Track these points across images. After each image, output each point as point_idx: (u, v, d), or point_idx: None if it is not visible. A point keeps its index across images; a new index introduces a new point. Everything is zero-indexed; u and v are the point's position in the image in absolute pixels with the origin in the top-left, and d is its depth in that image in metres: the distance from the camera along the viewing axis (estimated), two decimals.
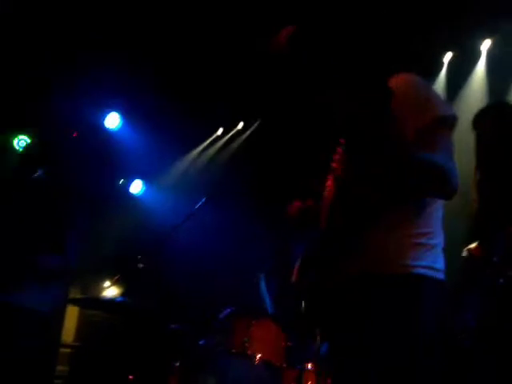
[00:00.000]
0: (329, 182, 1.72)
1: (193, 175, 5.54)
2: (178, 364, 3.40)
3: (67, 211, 3.26)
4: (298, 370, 2.80)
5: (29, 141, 4.17)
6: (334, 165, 1.69)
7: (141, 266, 3.52)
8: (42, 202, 3.13)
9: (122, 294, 3.37)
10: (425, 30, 3.88)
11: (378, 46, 3.53)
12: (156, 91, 4.99)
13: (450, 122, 1.55)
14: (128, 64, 4.76)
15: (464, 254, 2.33)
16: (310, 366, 2.80)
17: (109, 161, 5.18)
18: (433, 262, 1.53)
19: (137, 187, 5.82)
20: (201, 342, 3.03)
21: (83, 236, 3.64)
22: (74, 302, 3.98)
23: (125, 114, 5.34)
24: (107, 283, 5.39)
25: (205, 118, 5.26)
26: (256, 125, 5.16)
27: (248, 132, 5.43)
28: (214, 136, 5.75)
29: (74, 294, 5.11)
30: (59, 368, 5.57)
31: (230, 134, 5.63)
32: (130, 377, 3.90)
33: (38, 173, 3.16)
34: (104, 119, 5.23)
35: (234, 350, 2.77)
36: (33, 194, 3.10)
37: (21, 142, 4.35)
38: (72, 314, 5.90)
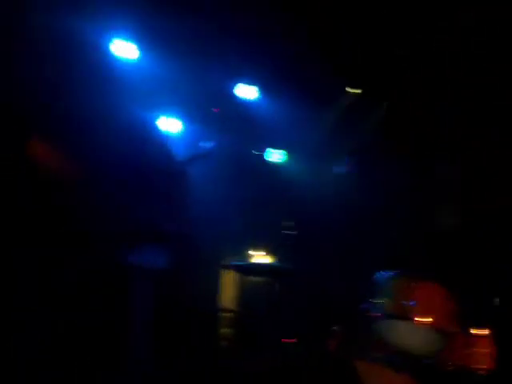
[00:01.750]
0: None
1: (333, 138, 5.39)
2: (337, 328, 3.38)
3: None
4: (469, 335, 2.59)
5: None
6: None
7: (291, 231, 3.55)
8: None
9: (278, 260, 3.42)
10: None
11: None
12: (288, 57, 4.93)
13: None
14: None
15: None
16: (482, 331, 2.57)
17: (249, 131, 5.27)
18: None
19: (277, 156, 5.85)
20: (361, 306, 2.95)
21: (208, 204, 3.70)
22: (233, 267, 4.15)
23: (261, 85, 5.37)
24: (261, 252, 5.55)
25: (339, 77, 5.06)
26: None
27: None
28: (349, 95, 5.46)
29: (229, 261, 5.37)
30: (223, 331, 5.96)
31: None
32: (289, 340, 3.99)
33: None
34: (241, 91, 5.31)
35: (396, 314, 2.64)
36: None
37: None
38: (229, 282, 6.23)
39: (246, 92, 5.32)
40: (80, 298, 4.39)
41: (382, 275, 2.77)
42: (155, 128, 4.00)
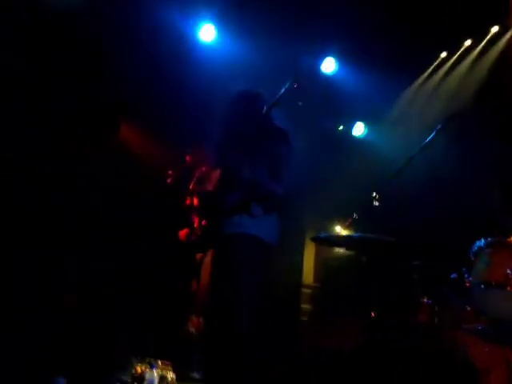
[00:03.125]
0: None
1: (417, 108, 5.23)
2: (425, 300, 3.31)
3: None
4: None
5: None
6: None
7: (376, 203, 3.49)
8: None
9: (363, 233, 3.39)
10: None
11: None
12: (365, 28, 4.82)
13: None
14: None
15: None
16: None
17: (329, 105, 5.23)
18: None
19: (359, 130, 5.78)
20: (452, 276, 2.87)
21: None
22: (316, 240, 4.15)
23: (341, 57, 5.29)
24: (339, 228, 5.53)
25: (422, 44, 4.87)
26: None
27: (482, 45, 4.81)
28: (436, 62, 5.28)
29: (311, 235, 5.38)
30: (303, 306, 6.02)
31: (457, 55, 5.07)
32: (372, 314, 3.94)
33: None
34: (320, 64, 5.26)
35: (493, 283, 2.55)
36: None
37: None
38: (309, 258, 6.27)
39: (327, 65, 5.27)
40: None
41: (479, 243, 2.68)
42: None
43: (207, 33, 5.12)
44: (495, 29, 4.80)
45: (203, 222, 3.72)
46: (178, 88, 5.02)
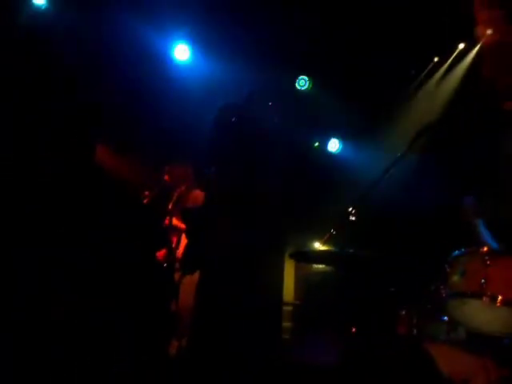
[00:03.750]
0: None
1: (392, 123, 5.31)
2: (404, 312, 3.32)
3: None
4: None
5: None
6: None
7: (353, 218, 3.51)
8: None
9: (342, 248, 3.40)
10: None
11: None
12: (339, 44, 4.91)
13: None
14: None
15: None
16: None
17: (304, 121, 5.28)
18: None
19: (334, 146, 5.85)
20: (431, 287, 2.89)
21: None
22: (294, 256, 4.16)
23: (314, 76, 5.38)
24: (317, 244, 5.54)
25: (410, 51, 4.90)
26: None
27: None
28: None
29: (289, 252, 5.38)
30: (284, 324, 5.98)
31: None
32: (353, 329, 3.94)
33: None
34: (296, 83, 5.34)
35: (469, 293, 2.57)
36: None
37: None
38: (289, 274, 6.25)
39: (301, 82, 5.35)
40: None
41: (455, 253, 2.70)
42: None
43: (182, 52, 5.20)
44: (462, 46, 4.93)
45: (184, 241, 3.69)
46: (154, 106, 5.03)
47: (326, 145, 5.86)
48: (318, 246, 5.51)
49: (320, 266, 5.63)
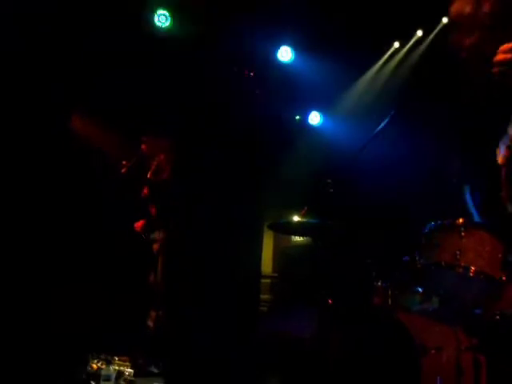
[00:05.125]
0: None
1: (372, 96, 5.32)
2: (379, 283, 3.36)
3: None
4: None
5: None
6: None
7: (331, 190, 3.51)
8: None
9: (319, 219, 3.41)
10: None
11: None
12: (320, 16, 4.85)
13: None
14: None
15: None
16: None
17: (285, 94, 5.23)
18: None
19: (315, 119, 5.82)
20: (404, 259, 2.92)
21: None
22: (272, 227, 4.15)
23: (296, 46, 5.30)
24: (295, 217, 5.56)
25: (375, 33, 4.96)
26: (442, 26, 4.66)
27: (431, 37, 4.97)
28: (389, 51, 5.42)
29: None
30: (262, 297, 6.03)
31: (409, 45, 5.27)
32: (330, 301, 3.98)
33: None
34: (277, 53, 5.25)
35: (444, 264, 2.60)
36: None
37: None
38: (268, 247, 6.28)
39: (284, 55, 5.28)
40: None
41: (429, 225, 2.72)
42: None
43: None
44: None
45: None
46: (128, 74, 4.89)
47: (306, 117, 5.81)
48: (296, 218, 5.54)
49: (298, 238, 5.66)
